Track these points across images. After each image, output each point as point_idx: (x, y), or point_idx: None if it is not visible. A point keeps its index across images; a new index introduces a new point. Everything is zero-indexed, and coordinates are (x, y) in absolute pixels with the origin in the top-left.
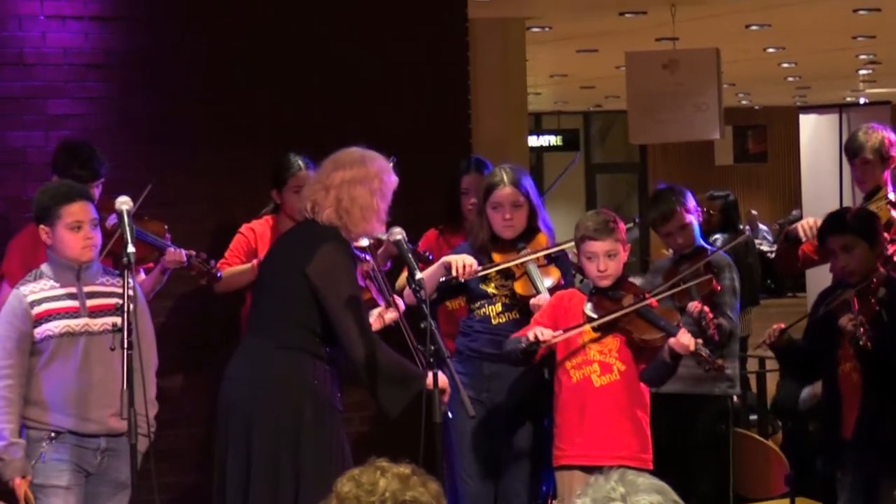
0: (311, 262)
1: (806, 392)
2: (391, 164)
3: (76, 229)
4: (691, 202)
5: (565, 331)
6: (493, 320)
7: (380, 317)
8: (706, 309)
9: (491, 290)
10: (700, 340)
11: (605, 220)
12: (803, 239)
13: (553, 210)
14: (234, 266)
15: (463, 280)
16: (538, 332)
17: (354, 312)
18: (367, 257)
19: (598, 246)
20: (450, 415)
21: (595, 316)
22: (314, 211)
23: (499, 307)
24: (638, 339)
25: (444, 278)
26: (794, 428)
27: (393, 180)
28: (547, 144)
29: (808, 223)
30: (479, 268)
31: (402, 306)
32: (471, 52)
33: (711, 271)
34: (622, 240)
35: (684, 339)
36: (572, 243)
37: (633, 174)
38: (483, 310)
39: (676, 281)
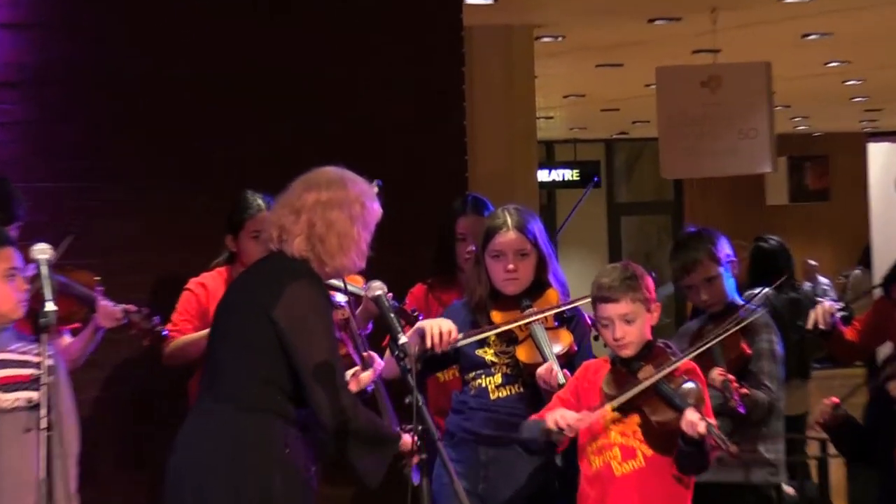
0: (279, 304)
1: None
2: (375, 191)
3: (10, 277)
4: (723, 250)
5: (588, 413)
6: (491, 394)
7: (354, 378)
8: (731, 377)
9: (489, 357)
10: (713, 421)
11: (621, 276)
12: (822, 326)
13: (567, 260)
14: (185, 334)
15: (440, 352)
16: (559, 417)
17: (329, 366)
18: (343, 304)
19: (611, 309)
20: (415, 481)
21: (611, 393)
22: (281, 240)
23: (498, 378)
24: (653, 420)
25: (417, 350)
26: None
27: (376, 209)
28: (560, 179)
29: (821, 310)
30: (460, 336)
31: (379, 367)
32: (467, 65)
33: (742, 332)
34: (647, 298)
35: (690, 417)
36: (588, 299)
37: (666, 216)
38: (479, 381)
39: (700, 344)
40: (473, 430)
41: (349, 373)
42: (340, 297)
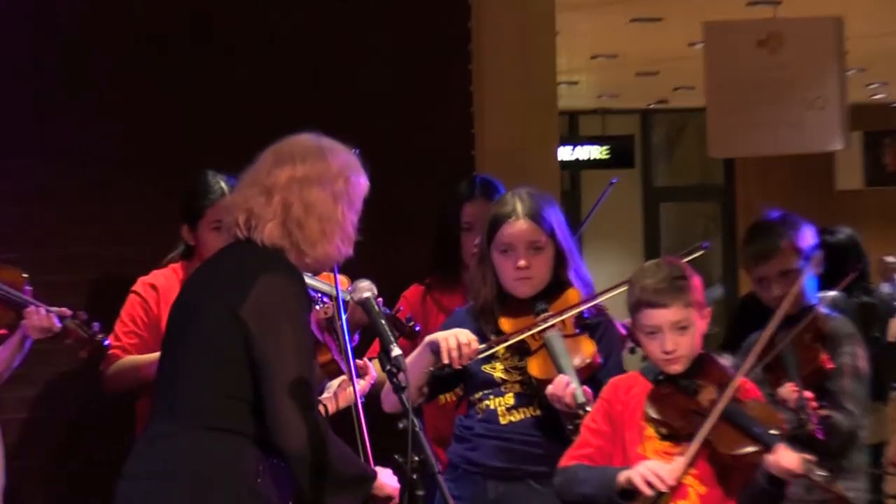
0: (247, 302)
1: None
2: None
3: None
4: (807, 240)
5: (680, 459)
6: (501, 418)
7: (341, 390)
8: (808, 394)
9: (498, 374)
10: (811, 457)
11: (669, 276)
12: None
13: (593, 258)
14: (130, 351)
15: (459, 367)
16: (650, 475)
17: (302, 382)
18: (325, 300)
19: (660, 316)
20: None
21: (660, 418)
22: (249, 226)
23: (510, 399)
24: (725, 454)
25: (432, 368)
26: None
27: (363, 182)
28: (587, 158)
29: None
30: (483, 346)
31: (373, 377)
32: (473, 20)
33: (822, 342)
34: (697, 302)
35: (785, 459)
36: (618, 290)
37: (714, 203)
38: (487, 403)
39: (770, 354)
40: (480, 462)
41: (335, 382)
42: (321, 286)
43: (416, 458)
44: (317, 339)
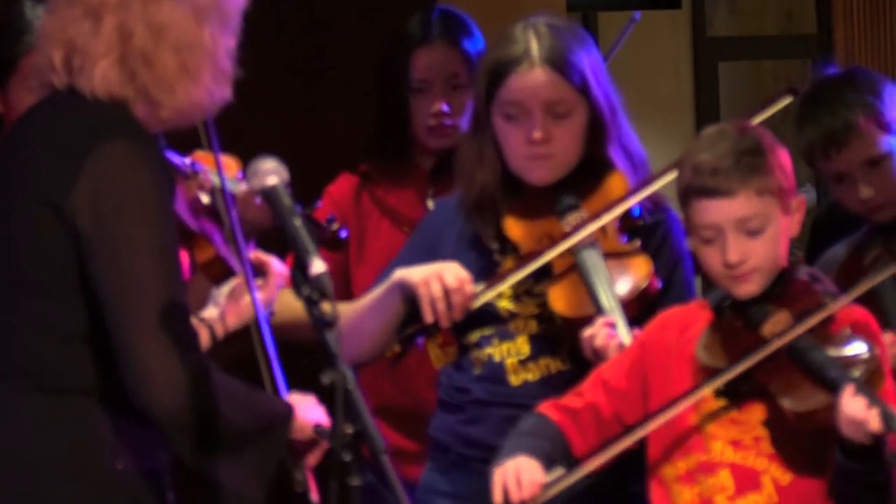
0: (73, 190)
1: None
2: None
3: None
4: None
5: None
6: (511, 377)
7: (233, 301)
8: None
9: (504, 304)
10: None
11: (735, 149)
12: None
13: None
14: None
15: (446, 326)
16: (509, 479)
17: (164, 303)
18: (197, 168)
19: (720, 209)
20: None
21: (713, 364)
22: (69, 67)
23: (523, 346)
24: (789, 410)
25: (410, 329)
26: None
27: None
28: None
29: None
30: (482, 286)
31: (279, 271)
32: None
33: None
34: (781, 188)
35: (849, 402)
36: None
37: (803, 60)
38: (488, 350)
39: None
40: (485, 442)
41: (224, 290)
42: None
43: (350, 432)
44: (189, 230)
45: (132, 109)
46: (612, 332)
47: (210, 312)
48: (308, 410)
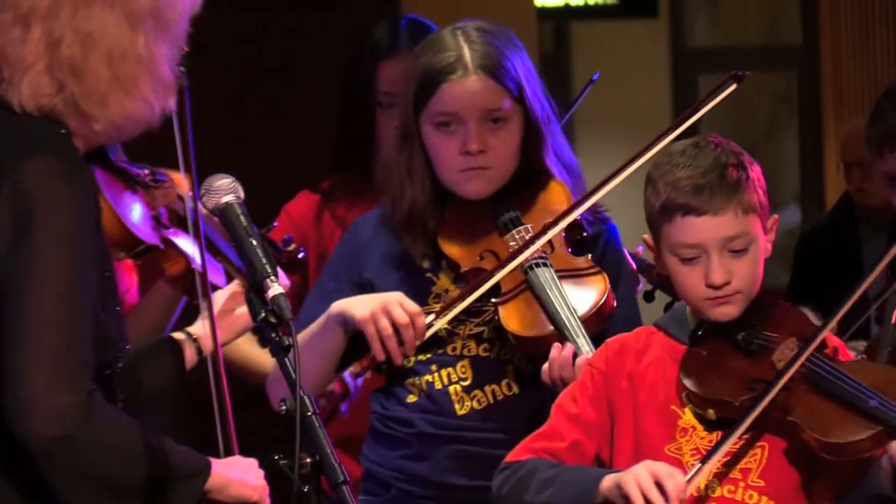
0: None
1: None
2: None
3: None
4: None
5: (702, 467)
6: (456, 405)
7: (224, 314)
8: None
9: (442, 326)
10: None
11: (718, 165)
12: None
13: (599, 151)
14: None
15: (400, 363)
16: (645, 484)
17: (60, 324)
18: (161, 178)
19: (706, 228)
20: None
21: (705, 394)
22: (0, 78)
23: (464, 371)
24: (814, 439)
25: (357, 369)
26: None
27: None
28: (582, 2)
29: None
30: (432, 317)
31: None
32: None
33: None
34: (763, 205)
35: None
36: (624, 174)
37: (786, 74)
38: (427, 377)
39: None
40: (431, 479)
41: (219, 300)
42: None
43: (308, 460)
44: (150, 245)
45: (65, 123)
46: (571, 354)
47: (196, 328)
48: (242, 472)
